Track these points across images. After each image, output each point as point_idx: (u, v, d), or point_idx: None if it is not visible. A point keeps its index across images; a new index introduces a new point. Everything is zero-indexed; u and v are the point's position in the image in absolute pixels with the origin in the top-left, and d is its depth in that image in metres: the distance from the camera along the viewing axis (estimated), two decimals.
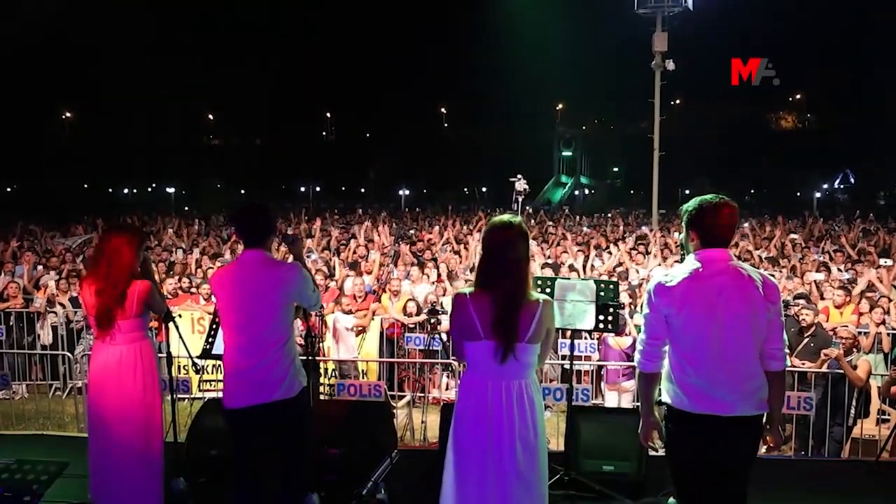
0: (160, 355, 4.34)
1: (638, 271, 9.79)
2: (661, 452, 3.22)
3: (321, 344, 7.03)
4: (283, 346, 3.40)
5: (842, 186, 50.09)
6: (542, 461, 2.95)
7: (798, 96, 58.05)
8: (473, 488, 2.90)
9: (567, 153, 57.21)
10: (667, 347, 3.02)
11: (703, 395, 2.89)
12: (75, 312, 8.21)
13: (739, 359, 2.89)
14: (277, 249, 8.40)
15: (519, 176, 7.80)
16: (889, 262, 9.83)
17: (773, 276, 6.14)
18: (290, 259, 3.72)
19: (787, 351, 3.01)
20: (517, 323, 2.85)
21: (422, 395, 7.25)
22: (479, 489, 2.88)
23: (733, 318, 2.87)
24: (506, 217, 3.03)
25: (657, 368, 3.04)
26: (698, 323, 2.89)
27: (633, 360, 3.57)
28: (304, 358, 3.86)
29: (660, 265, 9.85)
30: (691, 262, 2.98)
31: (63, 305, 8.39)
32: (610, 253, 11.44)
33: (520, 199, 7.81)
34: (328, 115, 72.54)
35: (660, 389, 3.08)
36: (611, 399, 7.27)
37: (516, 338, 2.85)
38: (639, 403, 3.55)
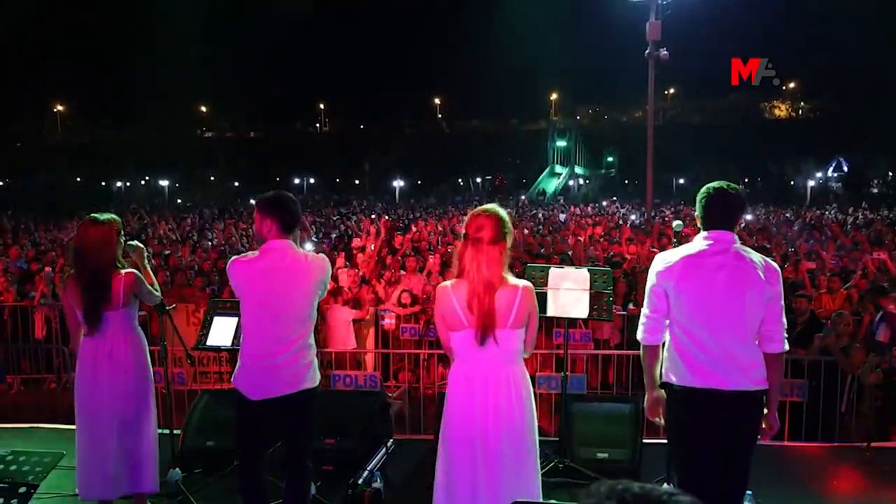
0: (154, 348, 4.33)
1: (637, 259, 9.79)
2: (661, 440, 3.22)
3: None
4: (309, 336, 3.39)
5: (835, 175, 50.14)
6: (530, 446, 2.98)
7: (792, 85, 58.03)
8: (466, 475, 2.93)
9: (561, 143, 57.15)
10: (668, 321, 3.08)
11: (701, 369, 2.94)
12: None
13: (733, 336, 2.94)
14: None
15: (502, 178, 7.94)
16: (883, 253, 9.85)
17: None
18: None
19: (786, 335, 3.02)
20: (495, 308, 2.87)
21: (417, 385, 7.27)
22: (473, 477, 2.92)
23: (727, 296, 2.93)
24: (487, 206, 3.05)
25: (659, 340, 3.10)
26: (694, 298, 2.97)
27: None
28: None
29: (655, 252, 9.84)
30: (696, 242, 3.07)
31: (57, 298, 8.36)
32: (608, 241, 11.47)
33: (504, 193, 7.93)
34: (322, 107, 72.34)
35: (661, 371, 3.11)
36: None
37: (495, 323, 2.87)
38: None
